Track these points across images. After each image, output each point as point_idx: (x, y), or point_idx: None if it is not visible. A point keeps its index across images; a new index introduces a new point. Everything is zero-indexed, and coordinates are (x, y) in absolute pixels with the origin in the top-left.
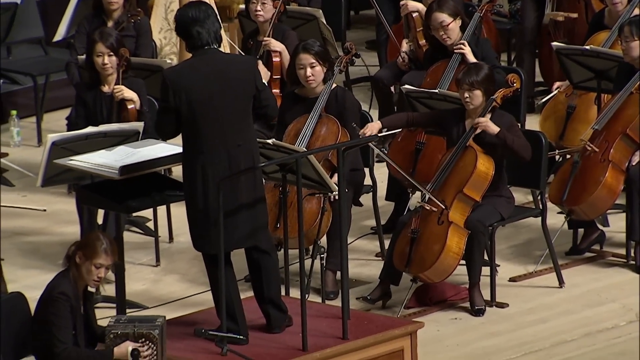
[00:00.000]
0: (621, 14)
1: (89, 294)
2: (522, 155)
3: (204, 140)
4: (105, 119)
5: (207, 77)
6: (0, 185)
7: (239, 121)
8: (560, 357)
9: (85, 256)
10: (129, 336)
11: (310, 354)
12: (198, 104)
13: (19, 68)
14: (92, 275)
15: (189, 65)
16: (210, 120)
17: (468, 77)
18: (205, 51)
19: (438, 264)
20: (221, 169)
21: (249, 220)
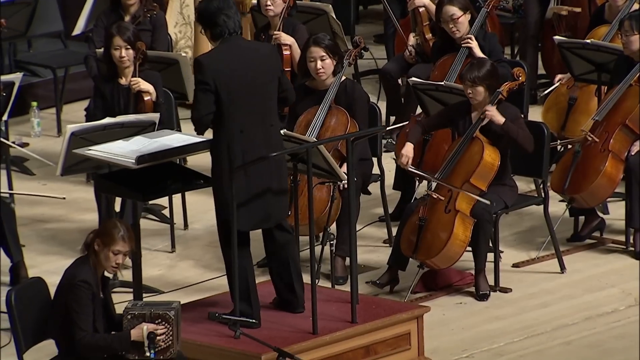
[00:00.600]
0: (621, 9)
1: (106, 280)
2: (525, 147)
3: (243, 120)
4: (123, 110)
5: (240, 62)
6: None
7: (270, 103)
8: (561, 340)
9: (103, 243)
10: (146, 317)
11: (320, 337)
12: (236, 86)
13: (39, 61)
14: (110, 262)
15: (222, 51)
16: (248, 102)
17: (470, 74)
18: (232, 38)
19: (445, 251)
20: (259, 147)
21: (279, 199)
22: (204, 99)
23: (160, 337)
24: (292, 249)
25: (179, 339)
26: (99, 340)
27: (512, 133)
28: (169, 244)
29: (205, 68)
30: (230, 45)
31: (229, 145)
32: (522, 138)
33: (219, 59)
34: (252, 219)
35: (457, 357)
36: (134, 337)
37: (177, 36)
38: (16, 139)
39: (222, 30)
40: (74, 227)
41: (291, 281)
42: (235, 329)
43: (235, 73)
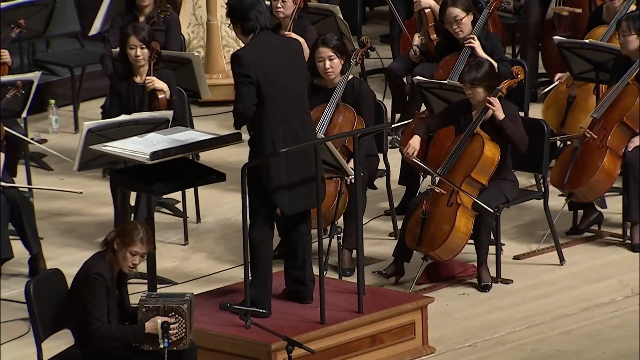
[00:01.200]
0: (618, 10)
1: (123, 277)
2: (519, 147)
3: (283, 110)
4: (138, 107)
5: (275, 55)
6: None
7: (303, 93)
8: (560, 330)
9: (122, 243)
10: (160, 310)
11: (328, 326)
12: (274, 78)
13: (57, 60)
14: (127, 262)
15: (258, 45)
16: (286, 92)
17: (469, 75)
18: (264, 33)
19: (447, 243)
20: (299, 135)
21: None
22: (247, 92)
23: (174, 330)
24: (307, 241)
25: (192, 330)
26: (115, 331)
27: (509, 130)
28: (182, 237)
29: (246, 61)
30: (263, 40)
31: (272, 135)
32: (517, 137)
33: (256, 53)
34: (294, 204)
35: (460, 346)
36: (148, 330)
37: (190, 36)
38: (35, 136)
39: (254, 25)
40: (90, 221)
41: (303, 272)
42: (246, 318)
43: (272, 65)
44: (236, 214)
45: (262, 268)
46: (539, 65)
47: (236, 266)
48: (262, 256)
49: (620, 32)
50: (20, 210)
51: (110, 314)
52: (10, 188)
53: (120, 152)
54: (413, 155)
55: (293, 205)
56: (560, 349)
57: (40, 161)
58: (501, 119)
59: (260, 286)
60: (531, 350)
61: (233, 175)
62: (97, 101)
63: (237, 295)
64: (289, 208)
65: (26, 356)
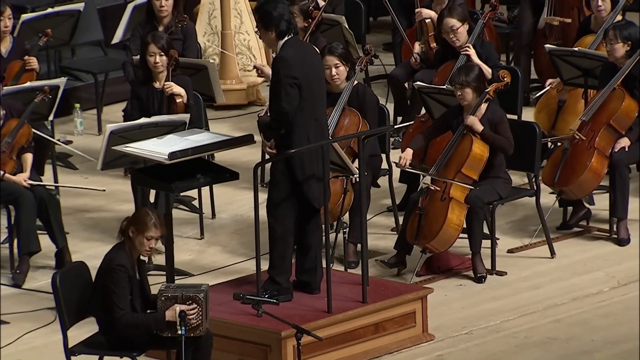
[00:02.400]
0: (605, 20)
1: (142, 262)
2: (503, 152)
3: (316, 110)
4: (157, 111)
5: (310, 58)
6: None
7: (325, 94)
8: (551, 319)
9: (137, 230)
10: (178, 299)
11: (334, 315)
12: (310, 80)
13: (82, 67)
14: (144, 247)
15: (297, 48)
16: (318, 93)
17: (458, 77)
18: (296, 38)
19: (442, 234)
20: (325, 133)
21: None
22: (293, 93)
23: (191, 317)
24: (318, 236)
25: (208, 318)
26: (137, 319)
27: (489, 139)
28: (198, 232)
29: (291, 64)
30: (298, 44)
31: (307, 132)
32: (497, 144)
33: (298, 56)
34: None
35: (457, 333)
36: (168, 318)
37: (206, 44)
38: (61, 137)
39: (288, 31)
40: (113, 216)
41: (314, 265)
42: (258, 308)
43: (309, 68)
44: (249, 210)
45: (289, 259)
46: (532, 72)
47: (249, 259)
48: (289, 247)
49: (607, 40)
50: (47, 207)
51: (134, 300)
52: (38, 186)
53: (141, 153)
54: (405, 166)
55: (321, 199)
56: (551, 336)
57: (66, 161)
58: (480, 131)
59: (284, 274)
60: (524, 337)
61: (246, 174)
62: (119, 105)
63: (249, 286)
64: (318, 201)
65: (53, 343)
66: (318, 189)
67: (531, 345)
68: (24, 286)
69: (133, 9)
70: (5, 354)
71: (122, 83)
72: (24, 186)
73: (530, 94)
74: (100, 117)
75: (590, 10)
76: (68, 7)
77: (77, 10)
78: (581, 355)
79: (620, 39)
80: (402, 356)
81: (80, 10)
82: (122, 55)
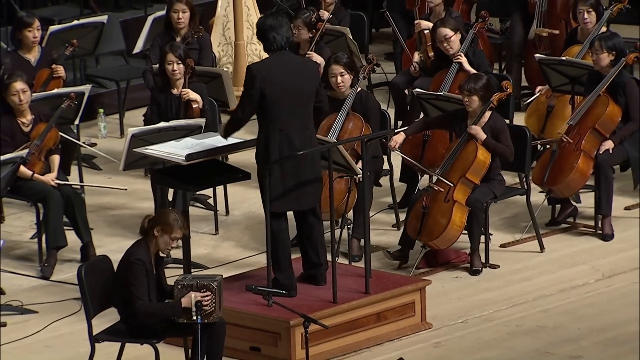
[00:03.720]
0: (591, 31)
1: (160, 259)
2: (504, 160)
3: (283, 121)
4: (175, 116)
5: (284, 72)
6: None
7: (307, 110)
8: (541, 309)
9: (163, 230)
10: (193, 287)
11: (339, 305)
12: (278, 93)
13: (105, 75)
14: (167, 246)
15: (270, 62)
16: (287, 106)
17: (467, 85)
18: (280, 53)
19: (444, 234)
20: (295, 145)
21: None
22: (249, 102)
23: (206, 304)
24: (318, 232)
25: (221, 307)
26: (155, 308)
27: (491, 147)
28: (213, 228)
29: (254, 75)
30: (277, 58)
31: (268, 142)
32: (499, 152)
33: (265, 68)
34: (285, 203)
35: (453, 322)
36: (184, 304)
37: (220, 54)
38: (86, 140)
39: (272, 45)
40: (134, 214)
41: (318, 259)
42: (268, 298)
43: (278, 81)
44: (260, 207)
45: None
46: (522, 79)
47: (260, 253)
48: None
49: (593, 50)
50: (74, 205)
51: (150, 293)
52: (64, 185)
53: (160, 154)
54: (394, 147)
55: (284, 204)
56: (541, 324)
57: (91, 162)
58: (483, 139)
59: (284, 272)
60: (515, 325)
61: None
62: (139, 110)
63: (260, 278)
64: (276, 206)
65: (78, 331)
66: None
67: (522, 333)
68: (51, 278)
69: (153, 21)
70: (35, 341)
71: (143, 90)
72: (52, 185)
73: (521, 100)
74: (122, 122)
75: (577, 22)
76: (92, 19)
77: (101, 22)
78: (568, 343)
79: (605, 49)
80: (402, 343)
81: (104, 22)
82: (143, 64)
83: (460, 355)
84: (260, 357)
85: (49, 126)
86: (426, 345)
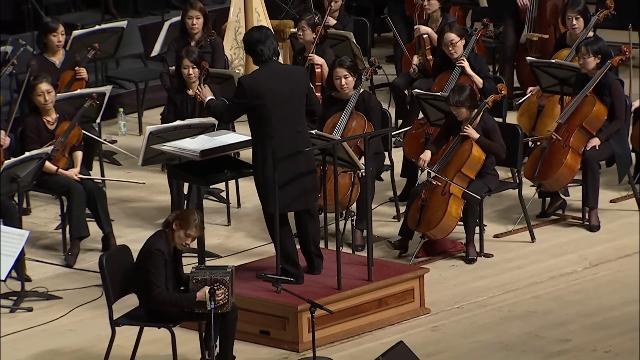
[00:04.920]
0: (579, 36)
1: (178, 252)
2: (497, 157)
3: (273, 128)
4: (190, 115)
5: (273, 82)
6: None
7: (297, 114)
8: (531, 295)
9: (180, 225)
10: (207, 282)
11: (343, 291)
12: (270, 102)
13: (125, 76)
14: (181, 240)
15: (260, 74)
16: (278, 114)
17: (453, 98)
18: (269, 63)
19: (441, 225)
20: (286, 150)
21: (305, 190)
22: (234, 110)
23: (219, 296)
24: (312, 229)
25: (233, 295)
26: (172, 297)
27: (485, 145)
28: (225, 219)
29: (244, 87)
30: (266, 69)
31: (262, 147)
32: (492, 150)
33: (256, 79)
34: (280, 204)
35: (450, 307)
36: (198, 298)
37: (232, 57)
38: (107, 137)
39: (260, 57)
40: (151, 206)
41: (310, 252)
42: (277, 285)
43: (269, 91)
44: None
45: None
46: (515, 81)
47: (269, 243)
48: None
49: (580, 55)
50: (95, 197)
51: (167, 281)
52: (87, 179)
53: (176, 151)
54: (424, 166)
55: (284, 207)
56: (531, 310)
57: (111, 158)
58: (476, 138)
59: (290, 263)
60: (508, 311)
61: None
62: (157, 109)
63: (270, 267)
64: (272, 208)
65: (99, 315)
66: (271, 198)
67: (514, 318)
68: (74, 266)
69: (169, 26)
70: (59, 325)
71: (160, 90)
72: (75, 180)
73: (513, 100)
74: (140, 120)
75: (566, 27)
76: (113, 24)
77: (120, 27)
78: (557, 327)
79: (591, 53)
80: (402, 327)
81: (124, 27)
82: (160, 66)
83: (456, 339)
84: (270, 340)
85: (73, 124)
86: (424, 329)
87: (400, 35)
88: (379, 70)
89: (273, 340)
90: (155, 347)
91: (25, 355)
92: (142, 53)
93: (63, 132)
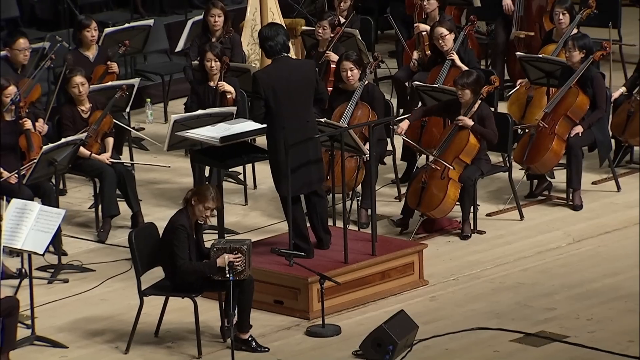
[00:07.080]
0: (565, 31)
1: (199, 226)
2: (490, 142)
3: (285, 119)
4: (211, 104)
5: (285, 76)
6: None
7: (307, 105)
8: (521, 268)
9: (199, 200)
10: (227, 250)
11: (350, 265)
12: (281, 94)
13: (152, 70)
14: (201, 214)
15: (271, 68)
16: (289, 106)
17: (460, 80)
18: (279, 58)
19: (441, 206)
20: (296, 138)
21: (313, 174)
22: (256, 105)
23: (237, 264)
24: (320, 208)
25: (250, 266)
26: (194, 266)
27: (478, 133)
28: (243, 199)
29: (259, 82)
30: (277, 64)
31: (275, 137)
32: (486, 137)
33: (269, 74)
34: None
35: (446, 279)
36: (218, 264)
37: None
38: (135, 125)
39: (270, 53)
40: (176, 187)
41: (319, 230)
42: (290, 259)
43: (280, 84)
44: None
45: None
46: (505, 74)
47: (283, 221)
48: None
49: (567, 48)
50: (125, 180)
51: (191, 254)
52: (117, 163)
53: (198, 137)
54: (401, 133)
55: (296, 190)
56: (520, 281)
57: (140, 144)
58: (470, 126)
59: (300, 238)
60: (499, 282)
61: None
62: (181, 100)
63: (283, 242)
64: (285, 191)
65: (129, 286)
66: (285, 182)
67: (504, 289)
68: (106, 242)
69: (192, 24)
70: (92, 295)
71: (183, 82)
72: (107, 163)
73: (504, 91)
74: (166, 109)
75: (553, 24)
76: (141, 22)
77: (148, 25)
78: (544, 297)
79: (577, 47)
80: (403, 297)
81: (151, 25)
82: (183, 61)
83: (452, 308)
84: (283, 309)
85: (105, 113)
86: (423, 299)
87: (401, 32)
88: (382, 64)
89: (286, 309)
90: (179, 315)
91: (62, 322)
92: (167, 48)
93: (96, 120)
